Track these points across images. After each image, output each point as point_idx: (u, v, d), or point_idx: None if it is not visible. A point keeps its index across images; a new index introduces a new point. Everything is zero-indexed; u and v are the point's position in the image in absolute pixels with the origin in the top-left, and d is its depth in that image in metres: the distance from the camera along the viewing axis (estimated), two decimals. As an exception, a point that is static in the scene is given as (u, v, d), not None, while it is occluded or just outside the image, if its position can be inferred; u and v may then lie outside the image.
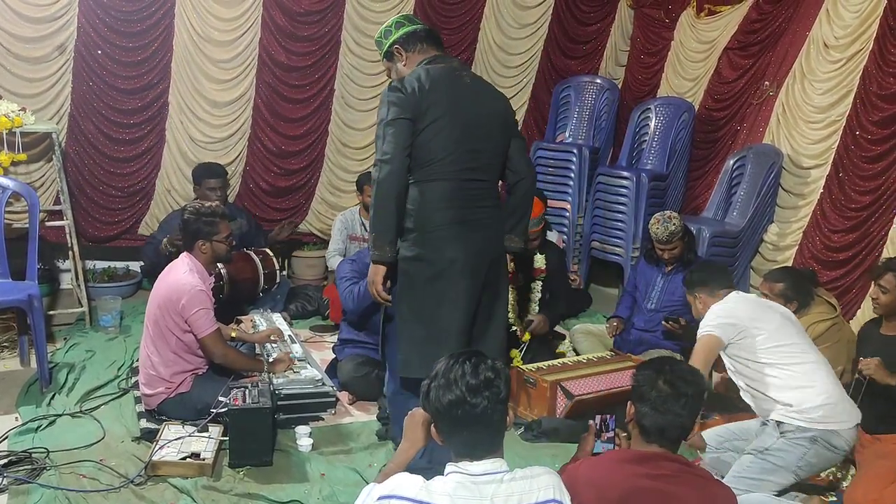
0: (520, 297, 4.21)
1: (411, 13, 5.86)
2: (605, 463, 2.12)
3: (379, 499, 1.79)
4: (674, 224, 4.21)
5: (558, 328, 5.11)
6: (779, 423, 2.88)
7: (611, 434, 2.53)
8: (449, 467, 1.83)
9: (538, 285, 4.22)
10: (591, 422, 2.56)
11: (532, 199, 3.01)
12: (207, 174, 4.94)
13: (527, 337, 4.17)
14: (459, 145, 2.68)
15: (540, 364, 3.94)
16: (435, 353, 2.45)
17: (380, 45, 2.94)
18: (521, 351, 4.14)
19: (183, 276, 3.40)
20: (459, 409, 1.80)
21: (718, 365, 4.22)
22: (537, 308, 4.23)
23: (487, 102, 2.84)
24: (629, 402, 2.22)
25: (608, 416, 2.53)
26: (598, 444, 2.52)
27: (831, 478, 3.11)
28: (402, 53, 2.85)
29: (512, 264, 4.17)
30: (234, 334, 3.88)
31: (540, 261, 4.21)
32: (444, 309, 2.69)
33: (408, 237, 2.68)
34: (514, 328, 4.18)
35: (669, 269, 4.36)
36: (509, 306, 4.16)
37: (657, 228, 4.23)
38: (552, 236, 5.20)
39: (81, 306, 4.75)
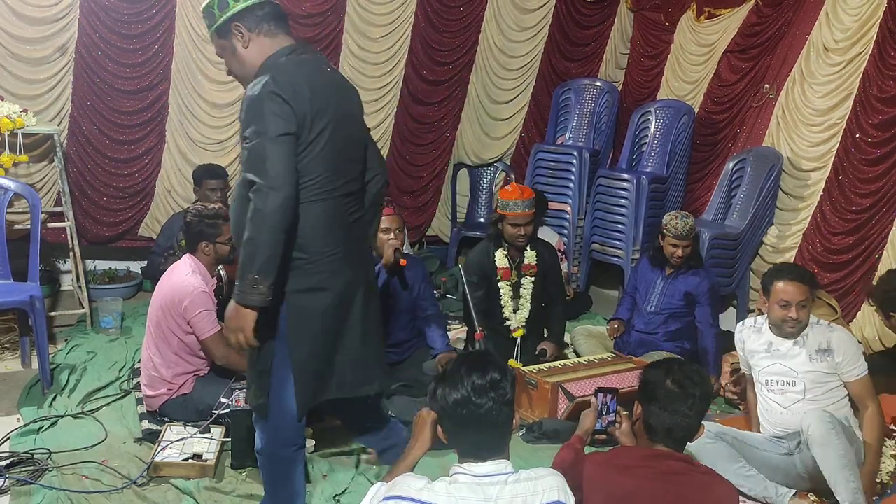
0: (513, 293, 4.22)
1: (412, 15, 5.88)
2: (611, 461, 2.13)
3: (384, 499, 1.80)
4: (691, 220, 4.23)
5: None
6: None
7: (612, 417, 2.54)
8: (454, 468, 1.84)
9: (528, 281, 4.22)
10: (592, 399, 2.56)
11: (384, 196, 2.71)
12: (208, 175, 4.95)
13: (519, 333, 4.17)
14: (340, 157, 2.33)
15: (541, 366, 3.95)
16: (332, 377, 2.40)
17: (210, 17, 2.37)
18: (516, 352, 4.14)
19: (185, 277, 3.41)
20: (464, 408, 1.81)
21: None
22: (529, 305, 4.22)
23: (354, 101, 2.49)
24: (636, 402, 2.23)
25: (609, 397, 2.53)
26: (598, 423, 2.53)
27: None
28: (244, 33, 2.34)
29: (506, 260, 4.19)
30: None
31: (530, 257, 4.21)
32: (345, 334, 2.40)
33: (299, 268, 2.29)
34: (507, 323, 4.19)
35: (670, 272, 4.35)
36: (502, 300, 4.19)
37: (677, 223, 4.19)
38: (552, 238, 5.20)
39: (82, 307, 4.75)
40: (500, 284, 4.20)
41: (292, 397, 2.35)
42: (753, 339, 3.28)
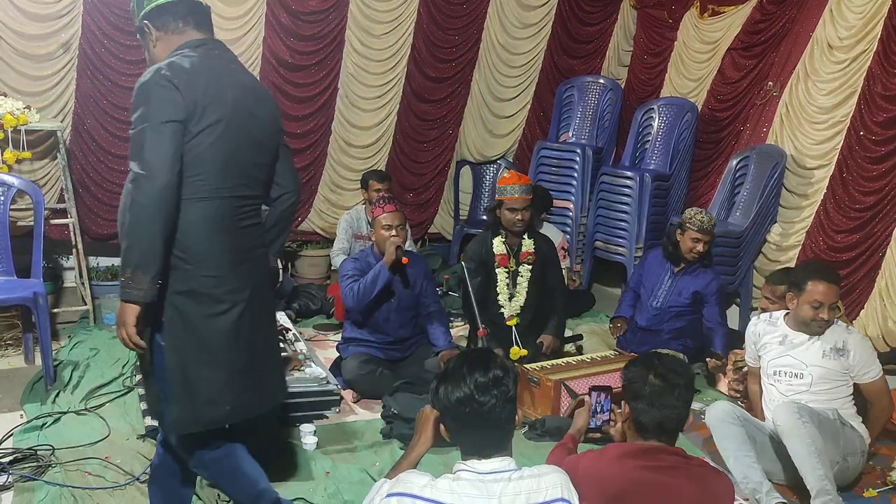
0: (510, 281, 4.21)
1: (415, 12, 5.87)
2: (605, 457, 2.13)
3: (388, 496, 1.79)
4: (713, 216, 4.26)
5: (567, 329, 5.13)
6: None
7: (605, 416, 2.54)
8: (457, 465, 1.84)
9: (526, 269, 4.22)
10: (586, 397, 2.56)
11: (293, 215, 2.59)
12: None
13: (513, 321, 4.17)
14: (234, 156, 2.21)
15: (543, 363, 3.95)
16: (218, 400, 2.24)
17: (134, 16, 2.35)
18: (515, 340, 4.12)
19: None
20: (467, 406, 1.80)
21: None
22: (525, 293, 4.21)
23: (264, 104, 2.37)
24: (623, 402, 2.23)
25: (603, 395, 2.53)
26: (593, 422, 2.53)
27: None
28: (152, 32, 2.27)
29: (504, 247, 4.19)
30: None
31: (528, 245, 4.22)
32: (229, 348, 2.25)
33: (177, 267, 2.18)
34: (501, 310, 4.19)
35: (679, 269, 4.34)
36: (499, 287, 4.19)
37: (702, 217, 4.19)
38: (556, 237, 5.19)
39: (85, 304, 4.76)
40: (497, 271, 4.20)
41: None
42: (769, 331, 3.32)
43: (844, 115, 4.76)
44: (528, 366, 3.85)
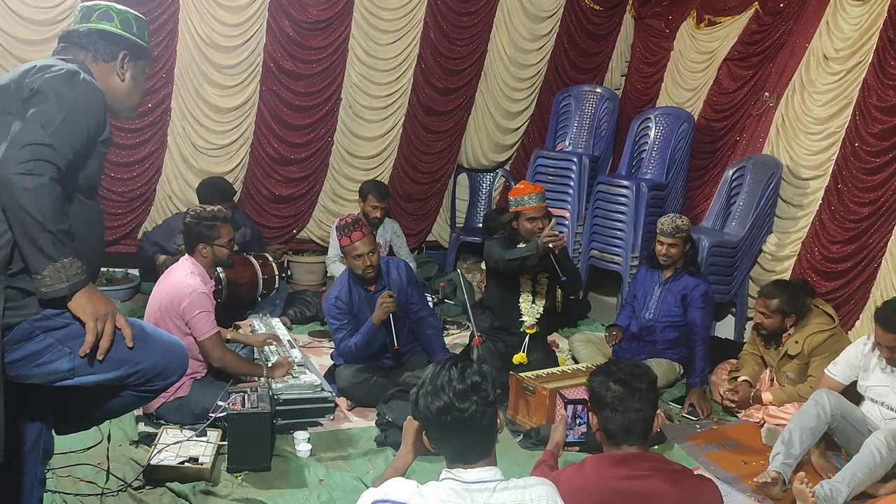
0: (532, 288, 4.26)
1: (422, 22, 5.84)
2: (584, 471, 2.14)
3: (373, 503, 1.79)
4: (682, 222, 4.28)
5: (556, 336, 5.13)
6: None
7: (584, 428, 2.53)
8: (443, 473, 1.83)
9: (544, 277, 4.26)
10: (562, 411, 2.56)
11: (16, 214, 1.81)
12: (221, 200, 4.83)
13: (534, 330, 4.22)
14: None
15: (539, 372, 3.95)
16: None
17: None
18: (524, 347, 4.18)
19: (184, 278, 3.41)
20: (448, 415, 1.79)
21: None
22: (545, 301, 4.27)
23: None
24: (590, 413, 2.24)
25: (580, 408, 2.53)
26: (571, 434, 2.53)
27: None
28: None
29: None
30: (230, 336, 3.90)
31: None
32: None
33: None
34: (522, 318, 4.21)
35: (667, 276, 4.36)
36: (521, 296, 4.23)
37: (663, 220, 4.28)
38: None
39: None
40: (519, 279, 4.23)
41: None
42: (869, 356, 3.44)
43: (840, 126, 4.77)
44: (523, 374, 3.85)
